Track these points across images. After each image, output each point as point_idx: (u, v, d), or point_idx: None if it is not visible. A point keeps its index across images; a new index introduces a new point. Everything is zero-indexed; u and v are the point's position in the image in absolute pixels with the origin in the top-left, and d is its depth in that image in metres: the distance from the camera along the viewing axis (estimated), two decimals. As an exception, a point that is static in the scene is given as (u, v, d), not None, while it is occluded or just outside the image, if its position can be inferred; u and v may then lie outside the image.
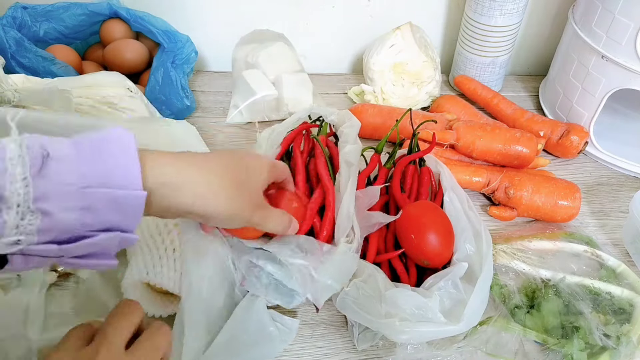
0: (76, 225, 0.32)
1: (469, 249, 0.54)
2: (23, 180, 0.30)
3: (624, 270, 0.62)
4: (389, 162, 0.66)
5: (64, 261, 0.34)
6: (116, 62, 0.82)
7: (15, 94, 0.59)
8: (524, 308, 0.57)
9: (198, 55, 0.86)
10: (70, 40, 0.84)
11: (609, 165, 0.80)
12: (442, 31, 1.00)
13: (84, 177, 0.32)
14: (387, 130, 0.78)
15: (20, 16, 0.78)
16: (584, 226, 0.70)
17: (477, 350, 0.53)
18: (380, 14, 0.95)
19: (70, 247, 0.32)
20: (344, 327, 0.57)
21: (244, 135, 0.83)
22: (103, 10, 0.83)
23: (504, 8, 0.81)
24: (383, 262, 0.56)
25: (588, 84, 0.77)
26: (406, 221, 0.56)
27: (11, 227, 0.29)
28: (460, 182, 0.69)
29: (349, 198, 0.55)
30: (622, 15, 0.69)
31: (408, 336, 0.48)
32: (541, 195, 0.68)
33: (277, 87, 0.83)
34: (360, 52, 0.99)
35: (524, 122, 0.81)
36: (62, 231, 0.31)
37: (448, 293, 0.50)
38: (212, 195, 0.39)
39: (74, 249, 0.32)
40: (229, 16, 0.93)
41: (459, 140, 0.73)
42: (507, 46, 0.88)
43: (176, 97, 0.79)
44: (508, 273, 0.61)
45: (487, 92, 0.88)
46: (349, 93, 0.92)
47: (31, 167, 0.30)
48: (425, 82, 0.88)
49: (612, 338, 0.53)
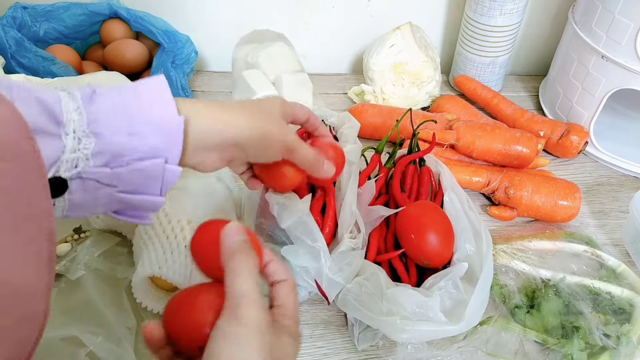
0: (126, 148, 0.35)
1: (469, 249, 0.54)
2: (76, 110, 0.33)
3: (624, 270, 0.62)
4: (389, 162, 0.66)
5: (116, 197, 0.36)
6: (116, 62, 0.82)
7: (16, 94, 0.59)
8: (524, 308, 0.57)
9: (198, 55, 0.86)
10: (70, 40, 0.84)
11: (609, 165, 0.80)
12: (442, 31, 1.00)
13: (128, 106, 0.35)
14: (387, 130, 0.78)
15: (20, 16, 0.78)
16: (584, 226, 0.70)
17: (477, 350, 0.53)
18: (380, 14, 0.95)
19: (122, 171, 0.35)
20: (343, 327, 0.57)
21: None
22: (103, 10, 0.83)
23: (504, 8, 0.81)
24: (383, 262, 0.56)
25: (588, 84, 0.77)
26: (406, 221, 0.56)
27: (70, 150, 0.33)
28: (460, 182, 0.69)
29: (351, 195, 0.55)
30: (622, 15, 0.69)
31: (408, 335, 0.48)
32: (541, 195, 0.68)
33: (277, 87, 0.83)
34: (360, 52, 0.99)
35: (524, 122, 0.81)
36: (114, 154, 0.35)
37: (448, 293, 0.50)
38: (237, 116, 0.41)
39: (125, 173, 0.35)
40: (229, 16, 0.93)
41: (459, 140, 0.73)
42: (507, 46, 0.88)
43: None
44: (508, 273, 0.61)
45: (487, 92, 0.88)
46: (349, 93, 0.92)
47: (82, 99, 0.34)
48: (425, 82, 0.88)
49: (612, 338, 0.53)
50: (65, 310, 0.54)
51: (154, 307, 0.54)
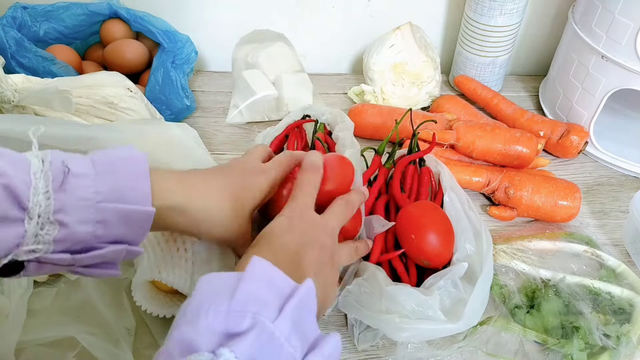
0: (89, 236, 0.34)
1: (469, 249, 0.54)
2: (45, 193, 0.32)
3: (624, 270, 0.62)
4: (388, 162, 0.66)
5: (73, 269, 0.36)
6: (116, 62, 0.82)
7: (15, 94, 0.59)
8: (524, 308, 0.57)
9: (198, 55, 0.86)
10: (70, 40, 0.84)
11: (609, 165, 0.80)
12: (442, 31, 1.00)
13: (100, 192, 0.35)
14: (387, 130, 0.78)
15: (20, 16, 0.78)
16: (584, 226, 0.70)
17: (477, 350, 0.53)
18: (380, 14, 0.95)
19: (82, 257, 0.35)
20: (344, 327, 0.57)
21: (244, 135, 0.83)
22: (103, 10, 0.83)
23: (504, 8, 0.81)
24: (383, 262, 0.56)
25: (588, 84, 0.77)
26: (406, 221, 0.56)
27: (31, 236, 0.32)
28: (460, 182, 0.69)
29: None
30: (622, 15, 0.69)
31: (408, 334, 0.48)
32: (541, 195, 0.68)
33: (277, 87, 0.83)
34: (360, 52, 0.99)
35: (524, 122, 0.81)
36: (76, 242, 0.34)
37: (448, 292, 0.50)
38: (210, 222, 0.43)
39: (85, 258, 0.35)
40: (229, 16, 0.93)
41: (459, 140, 0.73)
42: (507, 46, 0.88)
43: (176, 97, 0.79)
44: (508, 273, 0.61)
45: (487, 92, 0.88)
46: (349, 93, 0.92)
47: (53, 181, 0.33)
48: (425, 82, 0.88)
49: (612, 338, 0.53)
50: (63, 310, 0.53)
51: (154, 310, 0.53)
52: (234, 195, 0.44)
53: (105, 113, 0.66)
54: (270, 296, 0.30)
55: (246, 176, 0.46)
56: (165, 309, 0.53)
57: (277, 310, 0.30)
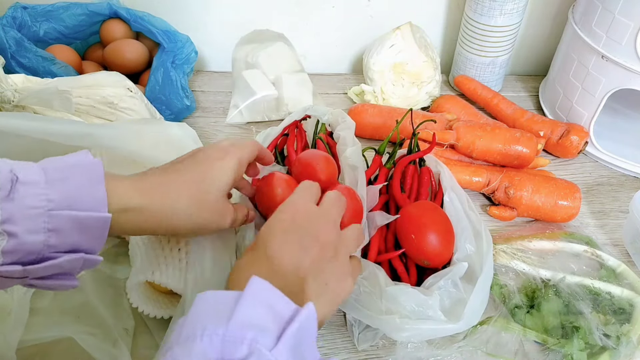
0: (41, 246, 0.33)
1: (469, 249, 0.54)
2: None
3: (624, 270, 0.62)
4: (389, 162, 0.66)
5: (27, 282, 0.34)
6: (116, 62, 0.82)
7: (15, 94, 0.59)
8: (524, 308, 0.57)
9: (198, 55, 0.86)
10: (70, 40, 0.84)
11: (609, 165, 0.80)
12: (442, 31, 1.00)
13: (51, 200, 0.33)
14: (387, 130, 0.78)
15: (20, 16, 0.78)
16: (584, 226, 0.70)
17: (477, 350, 0.53)
18: (380, 14, 0.95)
19: (35, 267, 0.33)
20: (343, 327, 0.57)
21: (244, 135, 0.83)
22: (103, 10, 0.83)
23: (504, 8, 0.81)
24: (383, 262, 0.56)
25: (588, 84, 0.77)
26: (406, 221, 0.56)
27: None
28: (460, 182, 0.69)
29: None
30: (622, 15, 0.69)
31: (408, 333, 0.47)
32: (541, 195, 0.68)
33: (277, 87, 0.83)
34: (360, 52, 0.99)
35: (524, 122, 0.81)
36: (28, 252, 0.33)
37: (448, 292, 0.50)
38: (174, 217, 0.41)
39: (39, 269, 0.33)
40: (229, 16, 0.93)
41: (459, 140, 0.73)
42: (507, 46, 0.88)
43: (176, 97, 0.79)
44: (508, 273, 0.61)
45: (487, 92, 0.88)
46: (349, 93, 0.92)
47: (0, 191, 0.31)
48: (425, 82, 0.88)
49: (612, 338, 0.53)
50: (63, 310, 0.53)
51: (151, 312, 0.52)
52: (195, 186, 0.43)
53: (105, 113, 0.66)
54: (269, 321, 0.29)
55: (208, 163, 0.44)
56: (162, 310, 0.52)
57: (276, 337, 0.29)
